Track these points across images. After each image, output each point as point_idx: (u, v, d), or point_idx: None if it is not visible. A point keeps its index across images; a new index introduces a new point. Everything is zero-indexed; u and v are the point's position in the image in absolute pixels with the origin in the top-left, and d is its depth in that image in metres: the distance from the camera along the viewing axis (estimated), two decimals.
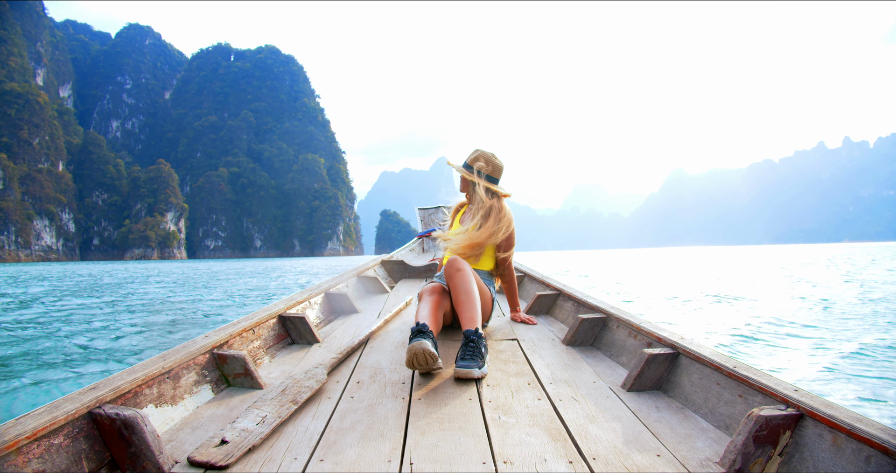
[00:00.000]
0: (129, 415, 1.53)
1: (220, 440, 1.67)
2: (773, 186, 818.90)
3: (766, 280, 20.49)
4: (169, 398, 1.95)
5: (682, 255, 76.86)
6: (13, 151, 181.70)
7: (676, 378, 2.22)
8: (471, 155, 3.47)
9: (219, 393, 2.23)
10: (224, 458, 1.56)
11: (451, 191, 6.13)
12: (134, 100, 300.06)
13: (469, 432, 1.79)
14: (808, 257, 52.60)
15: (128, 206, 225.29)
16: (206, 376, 2.21)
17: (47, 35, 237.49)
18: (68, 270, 48.68)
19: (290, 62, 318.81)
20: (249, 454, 1.63)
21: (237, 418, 1.86)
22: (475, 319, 2.64)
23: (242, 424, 1.80)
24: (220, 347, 2.36)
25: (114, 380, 1.74)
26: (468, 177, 3.41)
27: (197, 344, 2.24)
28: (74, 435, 1.50)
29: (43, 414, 1.45)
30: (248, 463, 1.57)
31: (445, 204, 3.68)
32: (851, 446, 1.40)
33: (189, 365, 2.12)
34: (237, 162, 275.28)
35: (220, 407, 2.06)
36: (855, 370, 5.77)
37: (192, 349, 2.18)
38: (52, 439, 1.43)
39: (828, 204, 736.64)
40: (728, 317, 9.94)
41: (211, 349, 2.29)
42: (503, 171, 3.49)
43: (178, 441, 1.75)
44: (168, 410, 1.92)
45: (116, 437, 1.54)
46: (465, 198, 3.63)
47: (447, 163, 3.54)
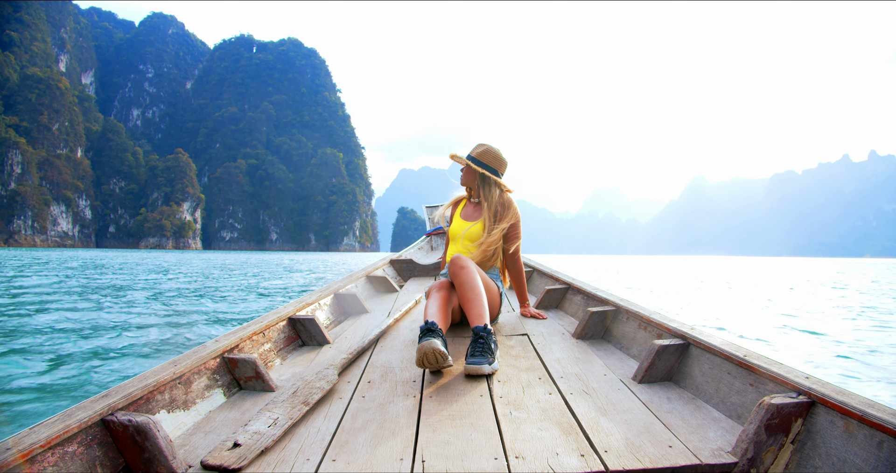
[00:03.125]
0: (141, 421, 1.54)
1: (232, 443, 1.68)
2: (795, 197, 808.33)
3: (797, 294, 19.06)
4: (181, 403, 1.97)
5: (702, 264, 75.92)
6: (32, 136, 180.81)
7: (687, 368, 2.23)
8: (476, 149, 3.43)
9: (230, 396, 2.24)
10: (237, 461, 1.58)
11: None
12: (155, 89, 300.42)
13: (480, 428, 1.80)
14: (835, 271, 49.54)
15: (144, 195, 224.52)
16: (217, 380, 2.22)
17: (71, 22, 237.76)
18: (79, 260, 46.08)
19: (312, 55, 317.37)
20: (262, 456, 1.65)
21: (249, 421, 1.88)
22: (483, 315, 2.63)
23: (254, 427, 1.81)
24: (231, 351, 2.37)
25: (125, 387, 1.76)
26: (478, 171, 3.39)
27: (207, 348, 2.25)
28: (88, 443, 1.52)
29: (56, 423, 1.47)
30: (261, 465, 1.59)
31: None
32: (863, 432, 1.40)
33: (200, 369, 2.14)
34: (256, 154, 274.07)
35: (232, 411, 2.07)
36: (867, 358, 5.90)
37: (202, 354, 2.18)
38: (67, 447, 1.45)
39: (850, 217, 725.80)
40: (742, 311, 10.07)
41: (222, 353, 2.29)
42: (507, 167, 3.50)
43: (191, 445, 1.76)
44: (180, 415, 1.94)
45: (130, 443, 1.56)
46: (466, 192, 3.61)
47: (451, 157, 3.52)
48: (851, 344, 7.56)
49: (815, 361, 6.59)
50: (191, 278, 22.10)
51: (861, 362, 6.36)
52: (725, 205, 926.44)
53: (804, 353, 6.90)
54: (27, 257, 47.99)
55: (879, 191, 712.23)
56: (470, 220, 3.47)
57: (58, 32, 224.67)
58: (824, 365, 6.17)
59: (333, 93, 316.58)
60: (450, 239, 3.54)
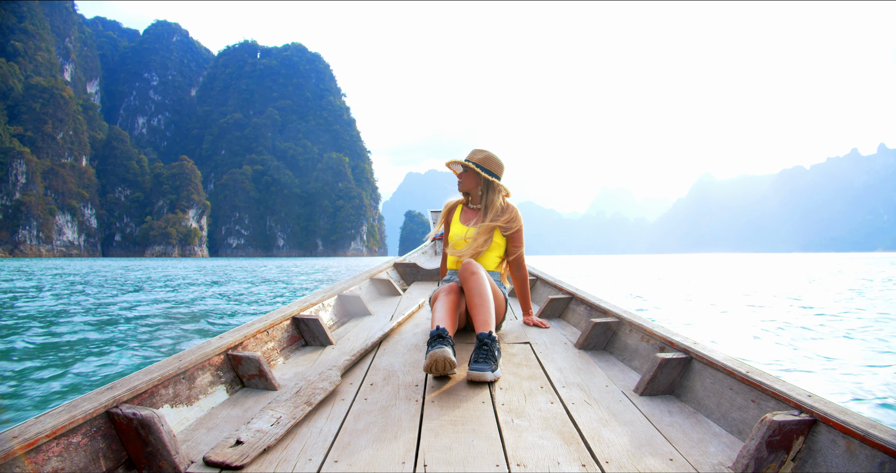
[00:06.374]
0: (146, 415, 1.55)
1: (235, 440, 1.69)
2: (804, 193, 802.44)
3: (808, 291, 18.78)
4: (184, 398, 1.98)
5: (711, 262, 75.51)
6: (37, 145, 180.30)
7: (689, 382, 2.24)
8: (477, 154, 3.43)
9: (233, 393, 2.25)
10: (239, 458, 1.58)
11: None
12: (160, 96, 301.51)
13: (482, 434, 1.80)
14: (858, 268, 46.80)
15: (150, 203, 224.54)
16: (220, 377, 2.23)
17: (76, 31, 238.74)
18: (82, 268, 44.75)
19: (316, 60, 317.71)
20: (264, 454, 1.66)
21: (252, 419, 1.89)
22: (489, 322, 2.65)
23: (257, 425, 1.82)
24: (235, 348, 2.38)
25: (130, 380, 1.76)
26: (483, 177, 3.39)
27: (212, 345, 2.26)
28: (92, 434, 1.52)
29: (62, 413, 1.47)
30: (263, 464, 1.59)
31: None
32: (865, 452, 1.40)
33: (204, 365, 2.15)
34: (261, 160, 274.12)
35: (234, 408, 2.08)
36: (873, 376, 5.78)
37: (207, 350, 2.19)
38: (71, 437, 1.46)
39: (860, 212, 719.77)
40: (746, 323, 9.96)
41: (226, 350, 2.31)
42: (504, 171, 3.52)
43: (193, 441, 1.77)
44: (183, 410, 1.95)
45: (133, 437, 1.57)
46: (464, 197, 3.60)
47: (447, 165, 3.50)
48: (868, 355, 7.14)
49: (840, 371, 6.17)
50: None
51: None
52: (733, 201, 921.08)
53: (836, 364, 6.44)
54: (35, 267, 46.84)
55: (889, 184, 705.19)
56: (469, 224, 3.46)
57: (62, 42, 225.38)
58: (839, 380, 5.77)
59: (338, 98, 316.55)
60: (449, 244, 3.51)
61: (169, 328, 9.11)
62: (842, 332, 8.74)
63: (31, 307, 12.45)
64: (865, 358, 6.69)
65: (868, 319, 10.56)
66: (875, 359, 6.58)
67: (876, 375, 5.77)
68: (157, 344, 7.56)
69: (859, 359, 6.57)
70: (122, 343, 7.54)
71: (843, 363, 6.34)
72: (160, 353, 6.89)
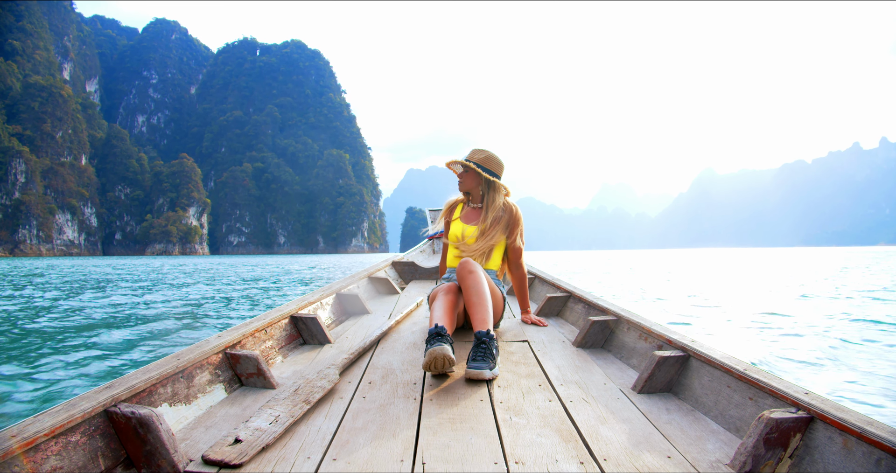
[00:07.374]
0: (144, 414, 1.55)
1: (233, 439, 1.69)
2: (805, 187, 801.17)
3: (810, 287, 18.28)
4: (183, 397, 1.98)
5: (713, 257, 75.22)
6: (36, 144, 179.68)
7: (687, 380, 2.24)
8: (477, 154, 3.45)
9: (232, 392, 2.25)
10: (238, 457, 1.58)
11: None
12: (160, 95, 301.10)
13: (480, 432, 1.81)
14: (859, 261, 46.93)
15: (150, 201, 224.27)
16: (219, 375, 2.23)
17: (74, 30, 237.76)
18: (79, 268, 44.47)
19: (316, 57, 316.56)
20: (263, 453, 1.66)
21: (250, 417, 1.89)
22: (487, 321, 2.66)
23: (256, 423, 1.82)
24: (233, 347, 2.38)
25: (129, 379, 1.76)
26: (484, 177, 3.41)
27: (210, 343, 2.26)
28: (91, 433, 1.52)
29: (60, 412, 1.47)
30: (262, 462, 1.59)
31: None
32: (862, 449, 1.41)
33: (202, 364, 2.15)
34: (262, 157, 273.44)
35: (233, 407, 2.09)
36: (869, 373, 5.83)
37: (205, 348, 2.19)
38: (70, 436, 1.46)
39: (862, 205, 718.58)
40: (744, 319, 9.95)
41: (224, 349, 2.31)
42: (504, 170, 3.54)
43: (192, 439, 1.77)
44: (182, 409, 1.95)
45: (132, 435, 1.57)
46: (464, 196, 3.63)
47: (447, 165, 3.51)
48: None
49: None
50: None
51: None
52: (735, 196, 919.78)
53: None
54: (31, 267, 46.55)
55: (891, 178, 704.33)
56: (471, 223, 3.48)
57: (61, 40, 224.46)
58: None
59: (338, 94, 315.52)
60: (450, 243, 3.53)
61: (167, 326, 9.14)
62: (840, 330, 8.62)
63: (31, 307, 12.38)
64: (864, 356, 6.62)
65: (865, 317, 10.27)
66: (873, 357, 6.54)
67: (873, 373, 5.75)
68: (156, 342, 7.58)
69: (858, 357, 6.52)
70: (121, 341, 7.56)
71: (841, 361, 6.32)
72: (158, 352, 6.90)
